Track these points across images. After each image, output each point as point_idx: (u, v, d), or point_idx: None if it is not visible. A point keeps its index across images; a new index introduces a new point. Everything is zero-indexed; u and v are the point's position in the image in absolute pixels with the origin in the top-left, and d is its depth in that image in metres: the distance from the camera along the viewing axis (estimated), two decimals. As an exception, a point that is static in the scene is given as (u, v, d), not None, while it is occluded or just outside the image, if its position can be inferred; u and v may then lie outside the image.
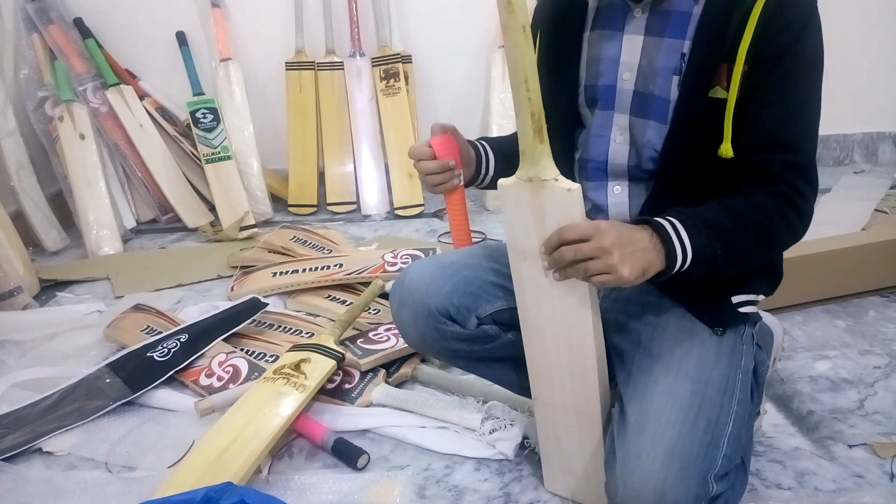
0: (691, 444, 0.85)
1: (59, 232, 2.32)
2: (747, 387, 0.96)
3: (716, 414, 0.89)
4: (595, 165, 1.01)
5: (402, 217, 2.41)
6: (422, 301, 1.00)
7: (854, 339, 1.52)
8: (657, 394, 0.90)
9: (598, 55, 0.98)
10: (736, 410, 0.91)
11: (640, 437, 0.87)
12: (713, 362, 0.93)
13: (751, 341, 1.01)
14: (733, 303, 0.98)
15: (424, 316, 1.01)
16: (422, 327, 1.02)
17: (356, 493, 1.13)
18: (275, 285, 1.81)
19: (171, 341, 1.52)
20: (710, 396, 0.90)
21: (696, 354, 0.94)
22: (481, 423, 1.24)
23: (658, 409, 0.89)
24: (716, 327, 0.96)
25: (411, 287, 1.02)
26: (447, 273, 1.02)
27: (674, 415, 0.87)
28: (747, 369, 0.97)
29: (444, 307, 1.00)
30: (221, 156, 2.34)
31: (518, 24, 0.76)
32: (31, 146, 2.30)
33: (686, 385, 0.90)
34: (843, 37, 2.54)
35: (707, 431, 0.87)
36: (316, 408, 1.33)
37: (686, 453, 0.85)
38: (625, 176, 1.00)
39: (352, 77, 2.46)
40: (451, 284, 1.01)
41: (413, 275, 1.03)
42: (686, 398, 0.89)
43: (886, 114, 2.72)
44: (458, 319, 1.01)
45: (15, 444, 1.28)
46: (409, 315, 1.03)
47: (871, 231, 1.76)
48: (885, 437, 1.21)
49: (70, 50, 2.36)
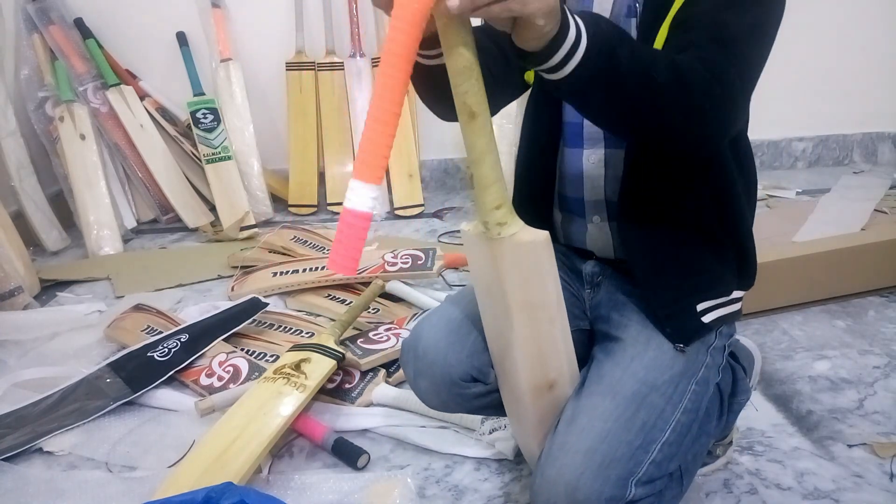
0: (618, 442, 0.81)
1: (60, 232, 2.32)
2: (702, 399, 0.91)
3: (653, 418, 0.84)
4: (571, 129, 0.96)
5: (402, 217, 2.41)
6: (442, 372, 0.94)
7: (854, 339, 1.52)
8: (599, 388, 0.87)
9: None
10: (679, 419, 0.86)
11: (569, 428, 0.84)
12: (665, 367, 0.89)
13: (720, 353, 0.96)
14: (698, 311, 0.93)
15: (447, 386, 0.95)
16: (444, 396, 0.96)
17: (356, 493, 1.13)
18: (275, 285, 1.81)
19: (171, 341, 1.52)
20: (653, 400, 0.85)
21: (649, 357, 0.89)
22: (481, 422, 1.24)
23: (594, 403, 0.85)
24: (677, 343, 0.91)
25: (428, 358, 0.95)
26: (462, 334, 0.95)
27: (608, 411, 0.84)
28: (706, 381, 0.92)
29: (467, 372, 0.94)
30: (222, 156, 2.34)
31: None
32: (31, 146, 2.30)
33: (630, 384, 0.86)
34: (843, 37, 2.54)
35: (639, 434, 0.82)
36: (316, 407, 1.33)
37: (610, 451, 0.81)
38: (601, 140, 0.95)
39: (352, 77, 2.46)
40: (469, 347, 0.94)
41: (427, 343, 0.96)
42: (626, 397, 0.85)
43: (886, 114, 2.72)
44: (480, 378, 0.95)
45: (15, 443, 1.29)
46: (429, 385, 0.96)
47: (871, 231, 1.76)
48: (885, 436, 1.22)
49: (70, 50, 2.37)
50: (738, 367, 1.07)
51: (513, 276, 0.81)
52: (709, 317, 0.94)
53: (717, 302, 0.95)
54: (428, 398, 0.98)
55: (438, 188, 2.70)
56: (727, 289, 0.97)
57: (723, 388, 1.00)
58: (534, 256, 0.80)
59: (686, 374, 0.90)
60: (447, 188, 2.70)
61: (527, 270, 0.80)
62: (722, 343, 0.97)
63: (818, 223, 1.83)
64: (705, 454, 1.01)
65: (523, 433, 0.97)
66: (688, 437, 0.88)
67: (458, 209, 2.48)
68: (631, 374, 0.88)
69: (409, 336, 1.00)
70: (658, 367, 0.88)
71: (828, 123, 2.72)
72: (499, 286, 0.83)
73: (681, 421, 0.86)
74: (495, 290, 0.84)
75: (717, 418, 0.98)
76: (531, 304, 0.83)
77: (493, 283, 0.83)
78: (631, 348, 0.91)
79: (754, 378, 1.15)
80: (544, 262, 0.80)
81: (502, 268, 0.81)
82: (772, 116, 2.55)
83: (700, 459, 0.97)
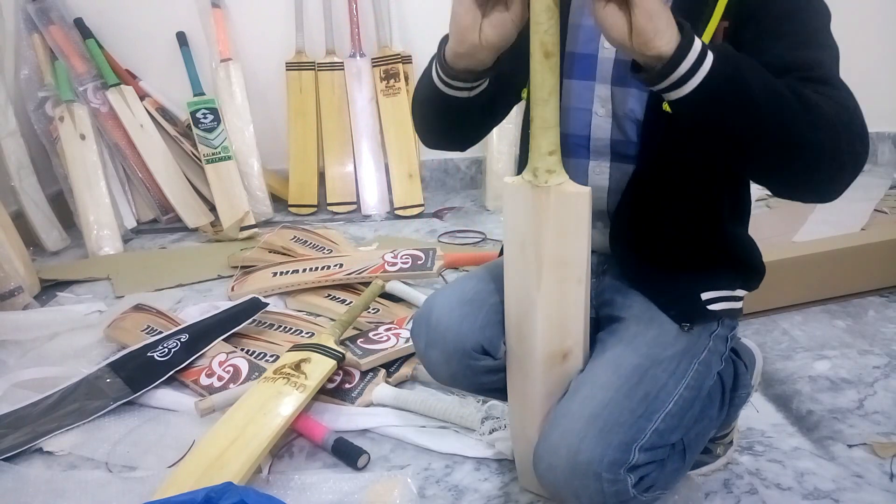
0: (620, 409, 0.82)
1: (60, 232, 2.32)
2: (704, 380, 0.92)
3: (656, 390, 0.85)
4: (576, 140, 0.96)
5: (402, 217, 2.41)
6: (455, 340, 0.95)
7: (853, 339, 1.52)
8: (602, 361, 0.88)
9: (578, 21, 0.93)
10: (682, 393, 0.87)
11: (573, 397, 0.86)
12: (668, 343, 0.90)
13: (723, 342, 0.97)
14: (703, 299, 0.94)
15: (458, 356, 0.96)
16: (454, 367, 0.97)
17: (356, 493, 1.13)
18: (275, 285, 1.81)
19: (171, 341, 1.52)
20: (655, 373, 0.87)
21: (652, 334, 0.91)
22: (481, 423, 1.24)
23: (597, 374, 0.87)
24: (682, 322, 0.92)
25: (441, 327, 0.96)
26: (475, 306, 0.97)
27: (611, 381, 0.85)
28: (708, 363, 0.93)
29: (479, 342, 0.95)
30: (222, 156, 2.34)
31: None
32: (31, 146, 2.30)
33: (633, 357, 0.87)
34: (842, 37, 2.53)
35: (642, 403, 0.84)
36: (316, 407, 1.33)
37: (612, 417, 0.81)
38: (607, 154, 0.95)
39: (352, 77, 2.46)
40: (482, 318, 0.95)
41: (440, 313, 0.97)
42: (628, 369, 0.86)
43: (886, 114, 2.72)
44: (490, 351, 0.96)
45: (15, 443, 1.29)
46: (440, 355, 0.97)
47: (871, 231, 1.76)
48: (885, 436, 1.22)
49: (70, 50, 2.37)
50: (740, 362, 1.07)
51: (552, 227, 0.83)
52: (713, 306, 0.95)
53: (721, 294, 0.96)
54: (437, 369, 0.99)
55: (438, 188, 2.70)
56: (732, 285, 0.98)
57: (724, 379, 1.01)
58: (577, 209, 0.81)
59: (689, 352, 0.91)
60: (447, 188, 2.70)
61: (567, 223, 0.82)
62: (725, 333, 0.98)
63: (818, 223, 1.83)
64: (707, 439, 1.02)
65: (524, 417, 0.97)
66: (690, 412, 0.89)
67: (458, 209, 2.48)
68: (633, 349, 0.89)
69: (420, 308, 1.01)
70: (661, 344, 0.90)
71: (828, 123, 2.72)
72: (535, 238, 0.84)
73: (683, 395, 0.87)
74: (530, 244, 0.85)
75: (718, 407, 0.99)
76: (564, 260, 0.84)
77: (528, 236, 0.85)
78: (634, 326, 0.93)
79: (756, 378, 1.15)
80: (584, 218, 0.82)
81: (543, 218, 0.82)
82: (772, 116, 2.55)
83: (702, 441, 0.97)
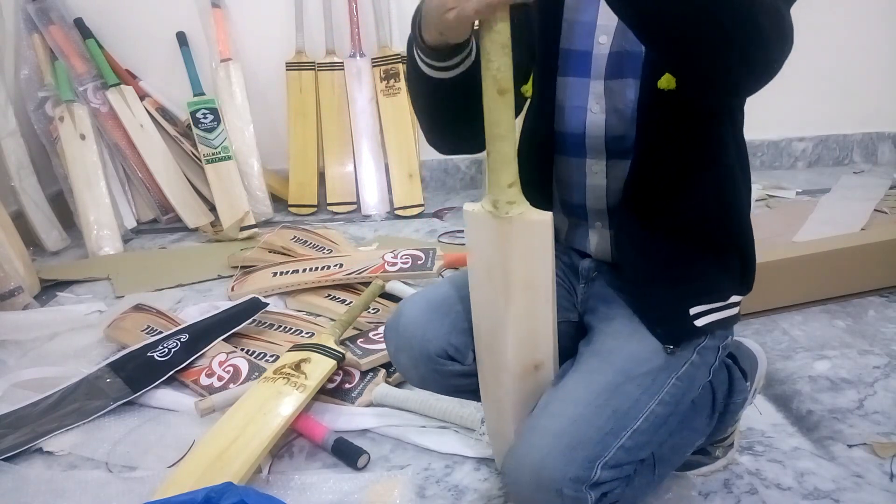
0: (588, 426, 0.82)
1: (60, 232, 2.32)
2: (683, 394, 0.91)
3: (626, 406, 0.85)
4: (573, 139, 0.95)
5: (402, 217, 2.42)
6: (420, 346, 0.97)
7: (853, 339, 1.52)
8: (575, 376, 0.89)
9: (573, 18, 0.93)
10: (654, 409, 0.87)
11: (543, 412, 0.86)
12: (645, 360, 0.89)
13: (712, 353, 0.96)
14: (691, 314, 0.93)
15: (424, 360, 0.97)
16: (422, 370, 0.99)
17: (356, 493, 1.13)
18: (275, 285, 1.81)
19: (171, 341, 1.52)
20: (628, 389, 0.86)
21: (630, 349, 0.90)
22: (481, 423, 1.24)
23: (569, 389, 0.87)
24: (667, 344, 0.91)
25: (407, 333, 0.98)
26: (441, 313, 0.98)
27: (582, 396, 0.85)
28: (689, 377, 0.91)
29: (443, 349, 0.97)
30: (222, 156, 2.34)
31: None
32: (31, 146, 2.30)
33: (607, 373, 0.87)
34: (843, 37, 2.54)
35: (610, 419, 0.83)
36: (316, 407, 1.33)
37: (579, 433, 0.82)
38: (603, 151, 0.94)
39: (352, 77, 2.46)
40: (447, 325, 0.97)
41: (407, 319, 0.99)
42: (601, 384, 0.86)
43: (886, 114, 2.72)
44: (457, 357, 0.98)
45: (15, 443, 1.29)
46: (408, 360, 0.99)
47: (871, 231, 1.76)
48: (885, 436, 1.22)
49: (70, 50, 2.37)
50: (736, 367, 1.06)
51: (517, 254, 0.83)
52: (702, 321, 0.93)
53: (712, 307, 0.95)
54: (408, 373, 1.01)
55: (438, 188, 2.70)
56: (724, 295, 0.96)
57: (716, 387, 1.00)
58: (540, 235, 0.82)
59: (667, 368, 0.90)
60: (447, 188, 2.70)
61: (532, 249, 0.82)
62: (714, 343, 0.96)
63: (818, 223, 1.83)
64: (690, 448, 1.02)
65: (499, 420, 0.98)
66: (663, 428, 0.89)
67: (458, 209, 2.48)
68: (609, 364, 0.89)
69: (391, 314, 1.03)
70: (637, 360, 0.89)
71: (828, 123, 2.72)
72: (501, 265, 0.84)
73: (655, 411, 0.87)
74: (496, 270, 0.85)
75: (707, 416, 0.99)
76: (531, 283, 0.85)
77: (495, 263, 0.85)
78: (612, 340, 0.93)
79: (758, 381, 1.15)
80: (547, 242, 0.82)
81: (508, 247, 0.83)
82: (772, 116, 2.55)
83: (682, 452, 0.98)
